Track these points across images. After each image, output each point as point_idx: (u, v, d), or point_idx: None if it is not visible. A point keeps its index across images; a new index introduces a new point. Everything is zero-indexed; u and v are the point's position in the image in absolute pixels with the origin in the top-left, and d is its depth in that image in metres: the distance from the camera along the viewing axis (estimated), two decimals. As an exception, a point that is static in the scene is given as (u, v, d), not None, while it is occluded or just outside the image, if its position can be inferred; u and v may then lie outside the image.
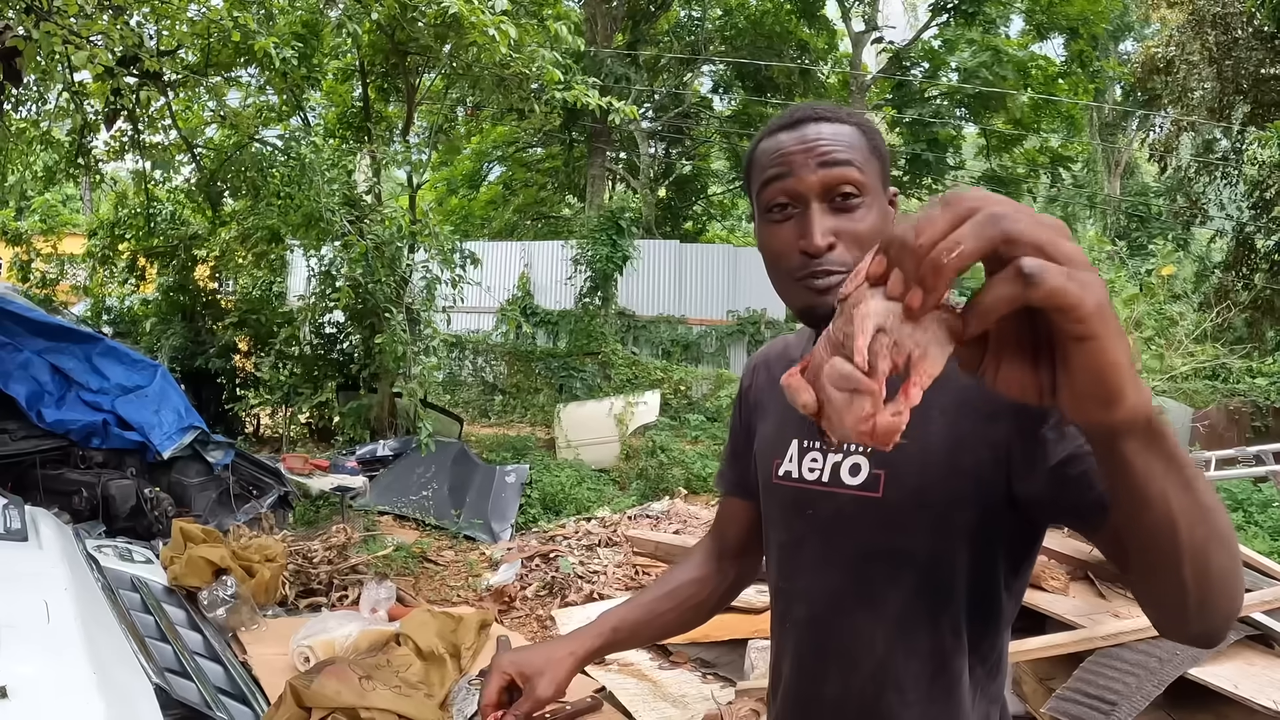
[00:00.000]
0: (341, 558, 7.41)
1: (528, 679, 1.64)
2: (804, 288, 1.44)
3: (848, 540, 1.48)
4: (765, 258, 1.53)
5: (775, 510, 1.65)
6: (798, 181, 1.43)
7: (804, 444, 1.58)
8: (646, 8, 25.64)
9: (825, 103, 1.57)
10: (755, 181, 1.51)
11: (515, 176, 30.98)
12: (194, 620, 3.64)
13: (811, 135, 1.44)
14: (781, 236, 1.46)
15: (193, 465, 7.72)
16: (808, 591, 1.56)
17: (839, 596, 1.49)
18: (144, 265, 15.23)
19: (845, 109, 1.50)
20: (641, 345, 21.22)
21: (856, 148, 1.44)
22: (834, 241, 1.41)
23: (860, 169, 1.43)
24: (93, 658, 2.53)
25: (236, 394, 13.57)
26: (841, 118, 1.47)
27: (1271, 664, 4.50)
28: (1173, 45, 21.90)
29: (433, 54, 11.94)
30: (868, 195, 1.44)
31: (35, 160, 14.17)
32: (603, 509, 11.17)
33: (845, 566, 1.48)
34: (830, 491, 1.50)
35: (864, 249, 1.39)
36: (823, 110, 1.48)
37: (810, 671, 1.55)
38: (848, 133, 1.45)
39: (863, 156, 1.44)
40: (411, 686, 3.13)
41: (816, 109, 1.48)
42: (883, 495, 1.43)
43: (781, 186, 1.45)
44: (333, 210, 10.81)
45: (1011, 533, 1.38)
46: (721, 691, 5.26)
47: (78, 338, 7.61)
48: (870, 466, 1.45)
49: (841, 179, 1.41)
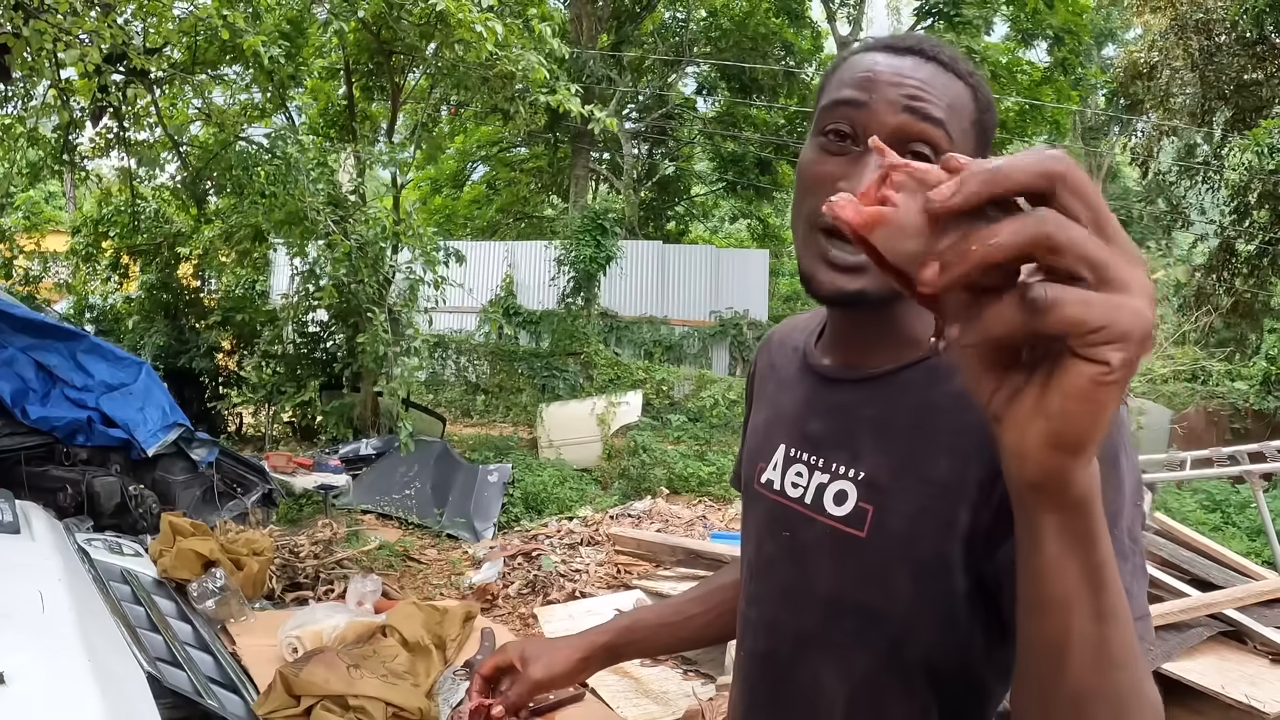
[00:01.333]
0: (327, 553, 7.46)
1: (525, 662, 1.58)
2: (818, 248, 1.21)
3: (820, 577, 1.27)
4: (798, 185, 1.26)
5: (751, 521, 1.45)
6: (871, 116, 1.17)
7: (791, 452, 1.36)
8: (631, 9, 25.67)
9: (952, 46, 1.26)
10: (827, 94, 1.24)
11: (499, 176, 30.96)
12: (183, 612, 3.68)
13: (912, 71, 1.18)
14: (826, 169, 1.20)
15: (177, 462, 7.73)
16: (770, 624, 1.36)
17: (803, 639, 1.29)
18: (127, 263, 15.18)
19: (967, 63, 1.23)
20: (624, 346, 21.24)
21: (959, 110, 1.19)
22: None
23: (951, 134, 1.17)
24: (87, 646, 2.57)
25: (219, 392, 13.59)
26: (959, 70, 1.21)
27: (1244, 659, 4.59)
28: (1155, 50, 22.02)
29: (418, 53, 11.98)
30: None
31: (20, 156, 14.14)
32: (585, 508, 11.23)
33: (814, 608, 1.28)
34: (810, 517, 1.28)
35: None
36: (941, 51, 1.21)
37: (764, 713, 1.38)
38: (957, 90, 1.20)
39: (961, 125, 1.19)
40: (398, 676, 3.18)
41: (937, 46, 1.22)
42: (866, 535, 1.20)
43: (852, 113, 1.18)
44: (317, 210, 10.82)
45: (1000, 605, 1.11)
46: (703, 688, 5.32)
47: (62, 335, 7.61)
48: (858, 497, 1.22)
49: (923, 135, 1.16)
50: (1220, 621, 4.76)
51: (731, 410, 17.60)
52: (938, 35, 24.20)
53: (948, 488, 1.13)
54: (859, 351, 1.31)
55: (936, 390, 1.19)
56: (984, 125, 1.23)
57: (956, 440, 1.14)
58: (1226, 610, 4.76)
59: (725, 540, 8.51)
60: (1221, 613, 4.76)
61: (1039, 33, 25.39)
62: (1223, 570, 5.45)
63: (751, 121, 28.25)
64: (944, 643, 1.16)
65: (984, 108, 1.23)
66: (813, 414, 1.35)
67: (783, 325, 1.61)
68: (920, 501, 1.16)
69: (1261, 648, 4.68)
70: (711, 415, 17.65)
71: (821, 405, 1.34)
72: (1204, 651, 4.60)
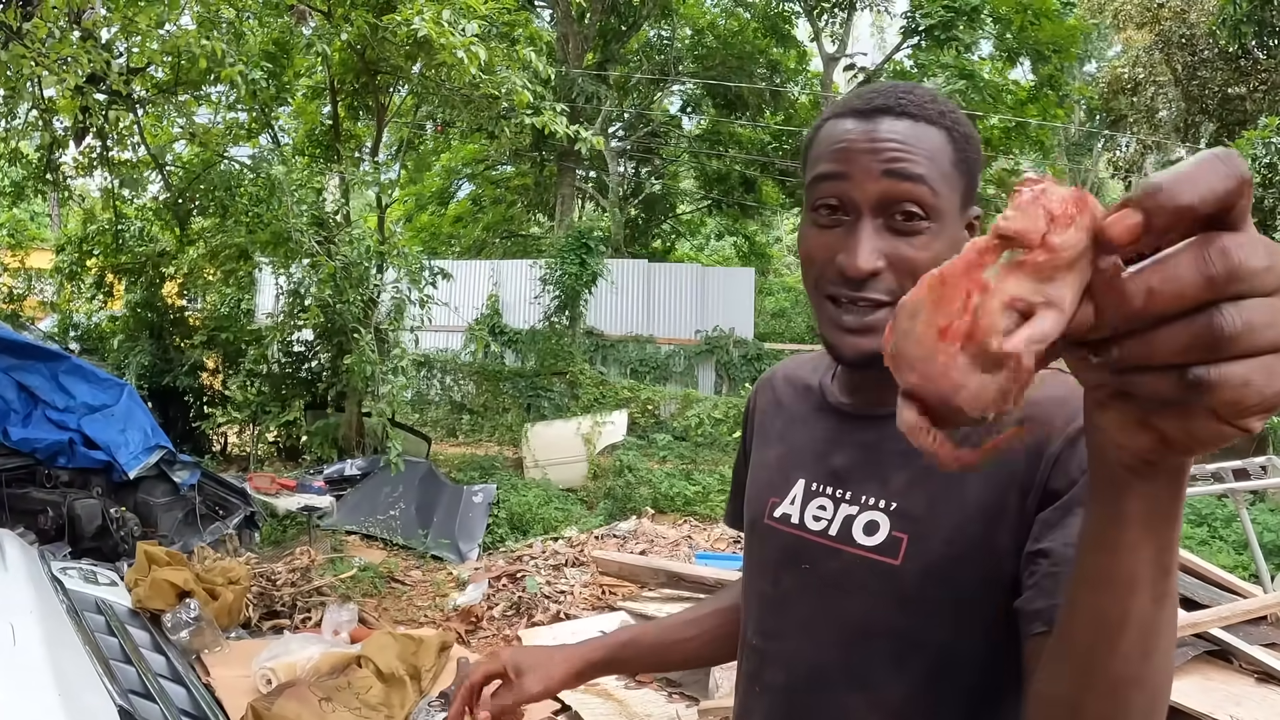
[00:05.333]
0: (305, 580, 7.43)
1: (520, 673, 1.55)
2: (831, 316, 1.24)
3: (849, 609, 1.26)
4: (801, 259, 1.30)
5: (761, 555, 1.43)
6: (854, 187, 1.19)
7: (813, 487, 1.36)
8: (618, 27, 25.71)
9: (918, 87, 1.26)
10: (809, 170, 1.27)
11: (485, 194, 30.95)
12: (158, 643, 3.65)
13: (884, 133, 1.19)
14: (822, 243, 1.24)
15: (159, 485, 7.70)
16: (789, 657, 1.34)
17: (827, 671, 1.28)
18: (112, 281, 15.13)
19: (938, 103, 1.24)
20: (609, 365, 21.20)
21: (937, 159, 1.20)
22: (881, 268, 1.19)
23: (934, 187, 1.19)
24: (58, 681, 2.55)
25: (204, 412, 13.51)
26: (930, 116, 1.21)
27: (1230, 679, 4.56)
28: (1139, 66, 22.14)
29: (403, 73, 11.98)
30: (937, 220, 1.20)
31: (2, 175, 14.11)
32: (570, 528, 11.20)
33: (840, 638, 1.27)
34: (836, 548, 1.28)
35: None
36: (907, 100, 1.22)
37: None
38: (931, 138, 1.21)
39: (942, 171, 1.20)
40: (371, 709, 3.16)
41: (902, 99, 1.22)
42: (901, 563, 1.21)
43: (835, 188, 1.21)
44: (301, 230, 10.80)
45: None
46: (686, 711, 5.29)
47: (44, 355, 7.59)
48: (890, 527, 1.23)
49: (907, 196, 1.18)
50: (1205, 641, 4.74)
51: (717, 429, 17.59)
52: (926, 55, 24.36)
53: (985, 510, 1.16)
54: (882, 391, 1.25)
55: None
56: (968, 161, 1.24)
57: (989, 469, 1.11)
58: (1212, 629, 4.74)
59: (711, 561, 8.48)
60: (1206, 632, 4.74)
61: (1023, 50, 25.46)
62: (1207, 588, 5.44)
63: (737, 140, 28.30)
64: (983, 663, 1.17)
65: (964, 144, 1.23)
66: (837, 449, 1.36)
67: (786, 364, 1.62)
68: (958, 527, 1.17)
69: (1247, 667, 4.65)
70: (697, 434, 17.64)
71: (846, 441, 1.35)
72: (1189, 671, 4.57)
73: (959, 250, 1.01)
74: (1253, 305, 0.57)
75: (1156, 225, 0.58)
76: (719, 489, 13.66)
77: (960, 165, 1.22)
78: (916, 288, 0.67)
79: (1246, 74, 20.29)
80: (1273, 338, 0.57)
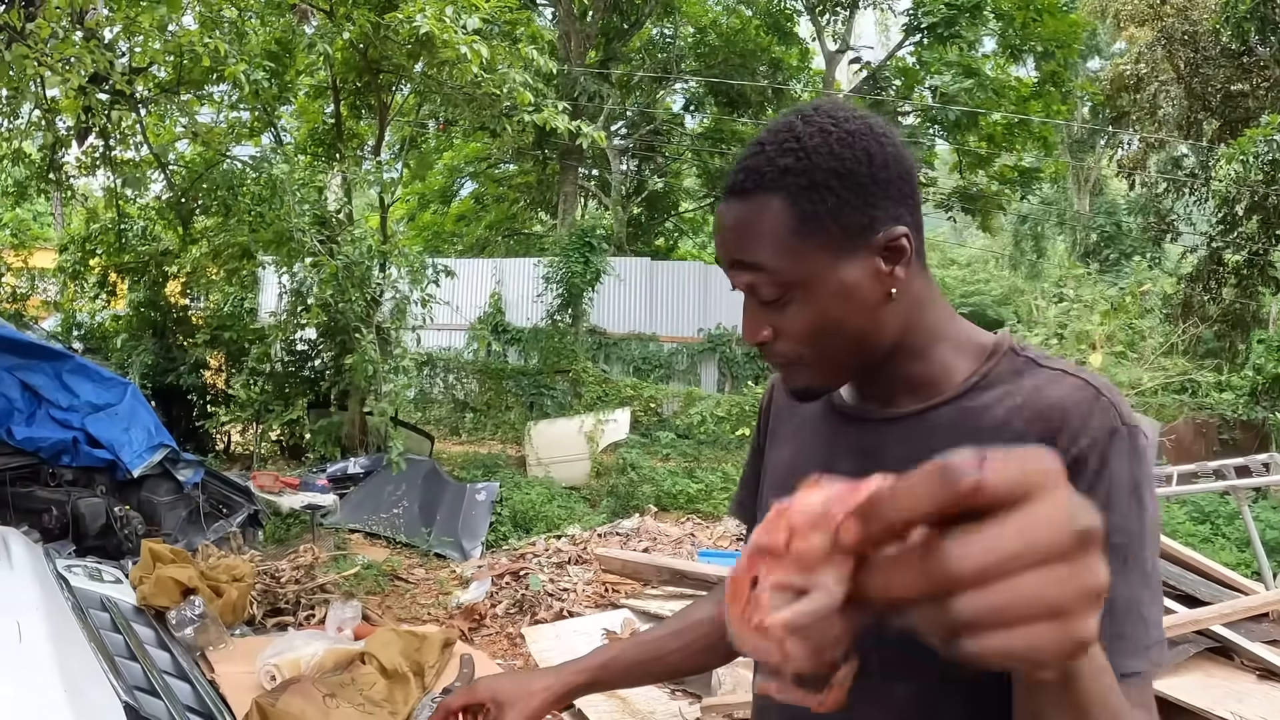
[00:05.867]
0: (309, 577, 7.43)
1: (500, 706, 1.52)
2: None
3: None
4: None
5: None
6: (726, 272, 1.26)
7: None
8: (620, 26, 25.67)
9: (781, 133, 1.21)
10: None
11: (487, 192, 30.94)
12: (162, 639, 3.65)
13: (724, 223, 1.23)
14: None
15: (163, 483, 7.70)
16: None
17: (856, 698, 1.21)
18: (115, 281, 15.14)
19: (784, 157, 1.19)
20: (612, 363, 21.19)
21: (772, 234, 1.19)
22: (767, 338, 1.24)
23: (771, 268, 1.19)
24: (63, 677, 2.55)
25: (207, 411, 13.52)
26: (765, 183, 1.19)
27: (1231, 675, 4.57)
28: (1142, 63, 22.12)
29: (405, 72, 11.98)
30: (797, 288, 1.20)
31: (5, 175, 14.12)
32: (573, 526, 11.20)
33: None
34: None
35: (811, 343, 1.23)
36: (745, 174, 1.21)
37: None
38: (765, 212, 1.19)
39: (779, 244, 1.18)
40: (375, 705, 3.17)
41: (741, 172, 1.21)
42: None
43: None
44: (303, 230, 10.80)
45: None
46: (689, 708, 5.30)
47: (47, 355, 7.58)
48: None
49: (750, 283, 1.22)
50: (1206, 637, 4.75)
51: (720, 427, 17.60)
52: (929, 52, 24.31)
53: None
54: (882, 394, 1.32)
55: (967, 428, 1.22)
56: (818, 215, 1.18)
57: None
58: (1213, 626, 4.75)
59: (713, 559, 8.49)
60: (1208, 629, 4.75)
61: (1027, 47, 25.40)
62: (1210, 586, 5.44)
63: (739, 137, 28.23)
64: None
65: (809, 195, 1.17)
66: (840, 453, 1.36)
67: None
68: None
69: (1248, 663, 4.67)
70: (700, 432, 17.65)
71: (849, 444, 1.35)
72: (1190, 668, 4.59)
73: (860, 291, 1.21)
74: (976, 597, 0.61)
75: (875, 535, 0.65)
76: (722, 487, 13.67)
77: (810, 222, 1.17)
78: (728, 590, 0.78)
79: (1249, 71, 20.26)
80: (1011, 606, 0.60)
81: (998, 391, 1.23)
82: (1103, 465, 1.12)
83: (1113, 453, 1.13)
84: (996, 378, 1.25)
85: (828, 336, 1.22)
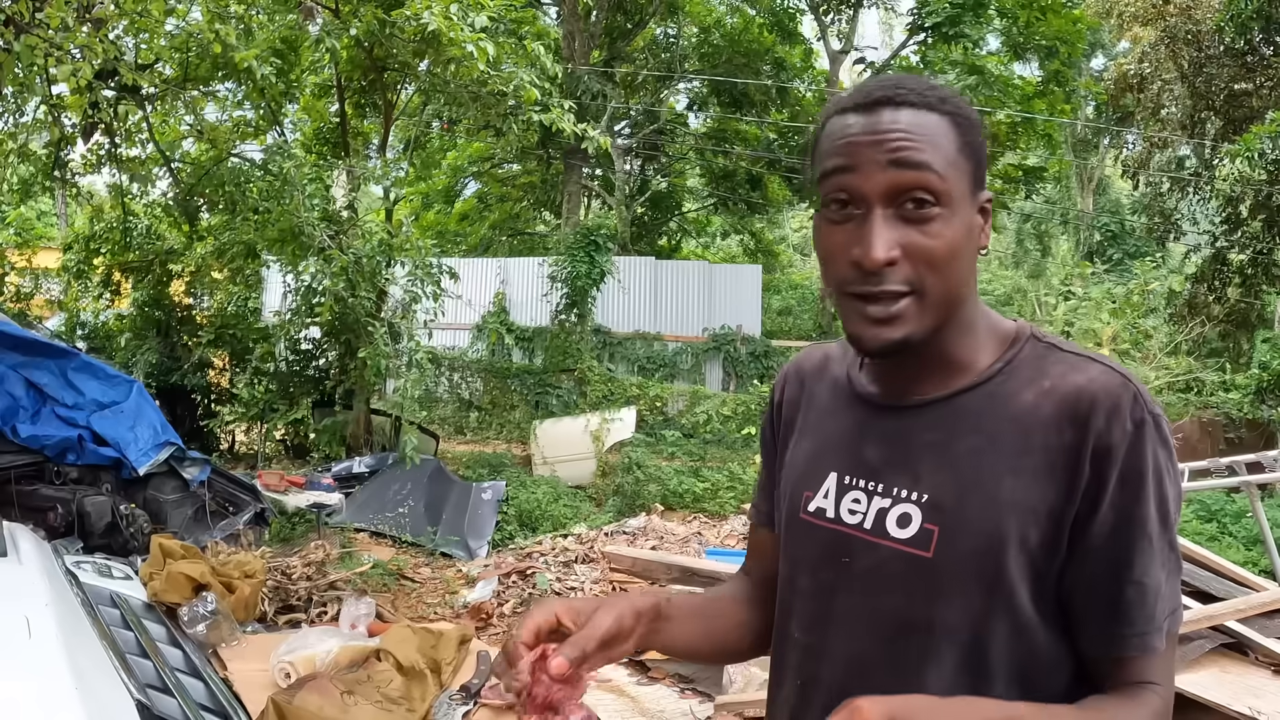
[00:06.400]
0: (320, 574, 7.41)
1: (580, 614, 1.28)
2: (855, 310, 1.24)
3: (886, 602, 1.27)
4: (819, 257, 1.30)
5: (800, 550, 1.41)
6: (861, 179, 1.20)
7: (846, 480, 1.35)
8: (624, 25, 25.70)
9: (913, 77, 1.27)
10: (817, 167, 1.27)
11: (491, 192, 30.95)
12: (174, 636, 3.63)
13: (886, 124, 1.20)
14: (836, 239, 1.24)
15: (168, 482, 7.66)
16: (835, 652, 1.33)
17: (867, 665, 1.29)
18: (119, 280, 15.16)
19: (936, 90, 1.24)
20: (617, 362, 21.21)
21: (941, 145, 1.20)
22: (897, 257, 1.19)
23: (941, 173, 1.19)
24: (75, 673, 2.53)
25: (211, 410, 13.53)
26: (930, 103, 1.22)
27: (1246, 671, 4.55)
28: (1146, 63, 22.10)
29: (410, 70, 11.97)
30: (948, 205, 1.20)
31: (11, 173, 14.11)
32: (579, 525, 11.20)
33: (879, 632, 1.28)
34: (872, 541, 1.29)
35: (935, 269, 1.21)
36: (906, 90, 1.22)
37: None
38: (933, 124, 1.21)
39: (948, 156, 1.20)
40: (393, 702, 3.14)
41: (899, 88, 1.23)
42: (933, 555, 1.23)
43: (841, 181, 1.22)
44: (312, 225, 10.79)
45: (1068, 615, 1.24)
46: (700, 706, 5.27)
47: (53, 353, 7.55)
48: (922, 519, 1.25)
49: (915, 183, 1.18)
50: (1221, 634, 4.73)
51: (725, 426, 17.60)
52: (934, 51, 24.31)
53: (1014, 506, 1.20)
54: (909, 380, 1.33)
55: (995, 414, 1.25)
56: (973, 146, 1.25)
57: (1021, 461, 1.20)
58: (1227, 622, 4.72)
59: (720, 557, 8.47)
60: (1222, 625, 4.72)
61: (1031, 45, 25.37)
62: (1222, 582, 5.42)
63: (743, 137, 28.27)
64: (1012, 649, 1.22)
65: (968, 129, 1.24)
66: (868, 441, 1.36)
67: (807, 356, 1.60)
68: (987, 520, 1.20)
69: (1263, 659, 4.64)
70: (705, 431, 17.65)
71: (876, 432, 1.36)
72: (1205, 664, 4.57)
73: (974, 234, 1.25)
74: None
75: None
76: (728, 486, 13.66)
77: (965, 150, 1.23)
78: None
79: (1253, 70, 20.22)
80: None
81: (1024, 377, 1.26)
82: (1133, 454, 1.17)
83: (1143, 441, 1.18)
84: (1021, 363, 1.28)
85: (951, 264, 1.22)
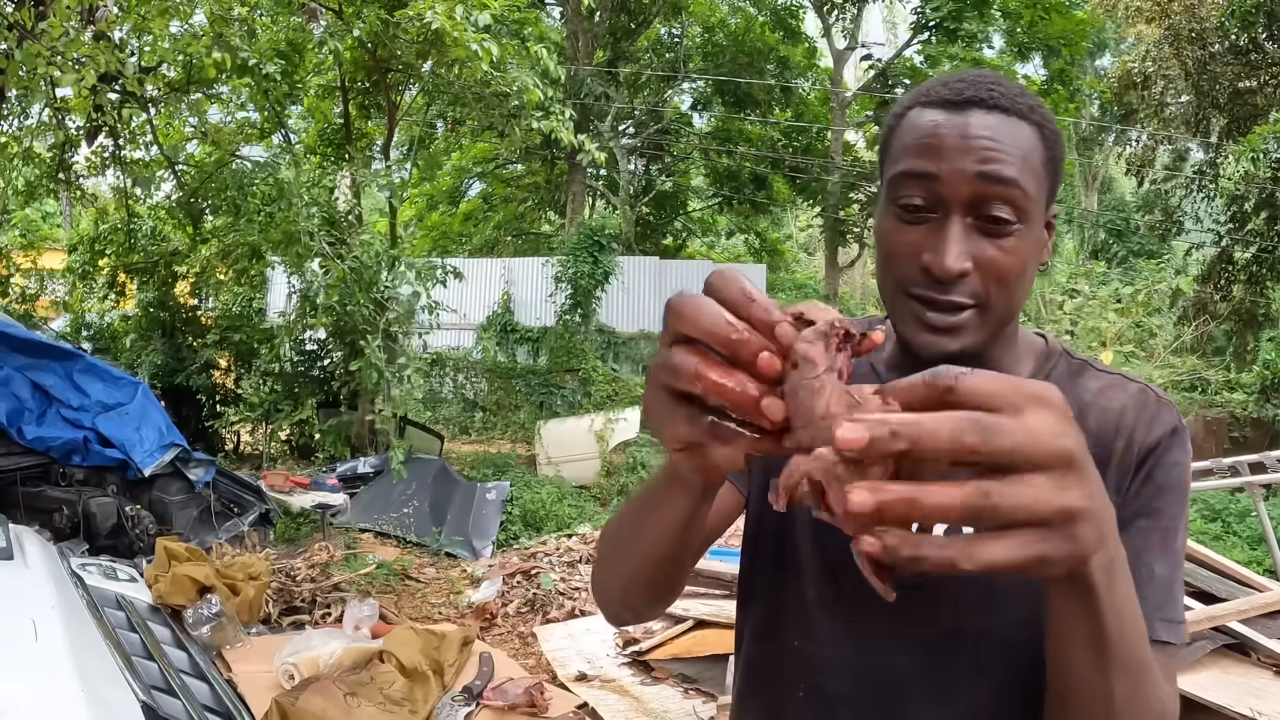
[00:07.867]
0: (324, 576, 7.43)
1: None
2: (914, 313, 1.18)
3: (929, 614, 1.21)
4: (879, 252, 1.23)
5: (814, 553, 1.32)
6: (944, 185, 1.13)
7: None
8: (627, 25, 25.70)
9: (1004, 78, 1.20)
10: (891, 160, 1.20)
11: (495, 192, 30.95)
12: (179, 638, 3.64)
13: (977, 129, 1.12)
14: (905, 240, 1.17)
15: (174, 483, 7.69)
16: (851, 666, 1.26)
17: (899, 680, 1.23)
18: (124, 281, 15.17)
19: (1027, 96, 1.18)
20: (622, 362, 21.19)
21: (1029, 158, 1.14)
22: (968, 269, 1.13)
23: (1026, 189, 1.13)
24: (80, 676, 2.54)
25: (216, 411, 13.54)
26: (1021, 110, 1.15)
27: (1248, 672, 4.55)
28: (1150, 61, 22.07)
29: (414, 71, 11.97)
30: (1025, 222, 1.15)
31: (16, 175, 14.14)
32: (584, 525, 11.19)
33: (918, 645, 1.22)
34: None
35: (1004, 286, 1.16)
36: (1000, 94, 1.15)
37: None
38: (1025, 135, 1.14)
39: (1034, 171, 1.14)
40: (395, 703, 3.15)
41: (994, 90, 1.15)
42: None
43: (923, 185, 1.14)
44: (310, 233, 10.78)
45: None
46: (703, 706, 5.29)
47: (58, 354, 7.58)
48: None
49: (1000, 197, 1.12)
50: (1223, 635, 4.73)
51: (730, 426, 17.56)
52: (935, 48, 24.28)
53: None
54: None
55: None
56: (1055, 160, 1.19)
57: None
58: (1230, 623, 4.73)
59: (724, 557, 8.46)
60: (1225, 625, 4.73)
61: (1035, 44, 25.37)
62: (1225, 582, 5.42)
63: (747, 137, 28.27)
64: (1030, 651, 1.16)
65: (1052, 142, 1.18)
66: None
67: None
68: None
69: (1265, 660, 4.65)
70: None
71: None
72: (1207, 665, 4.57)
73: (1042, 250, 1.21)
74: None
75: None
76: (732, 485, 13.63)
77: (1049, 164, 1.17)
78: None
79: (1257, 68, 20.19)
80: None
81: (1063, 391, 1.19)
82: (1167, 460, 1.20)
83: (1174, 449, 1.20)
84: (1057, 380, 1.24)
85: (1020, 281, 1.18)
